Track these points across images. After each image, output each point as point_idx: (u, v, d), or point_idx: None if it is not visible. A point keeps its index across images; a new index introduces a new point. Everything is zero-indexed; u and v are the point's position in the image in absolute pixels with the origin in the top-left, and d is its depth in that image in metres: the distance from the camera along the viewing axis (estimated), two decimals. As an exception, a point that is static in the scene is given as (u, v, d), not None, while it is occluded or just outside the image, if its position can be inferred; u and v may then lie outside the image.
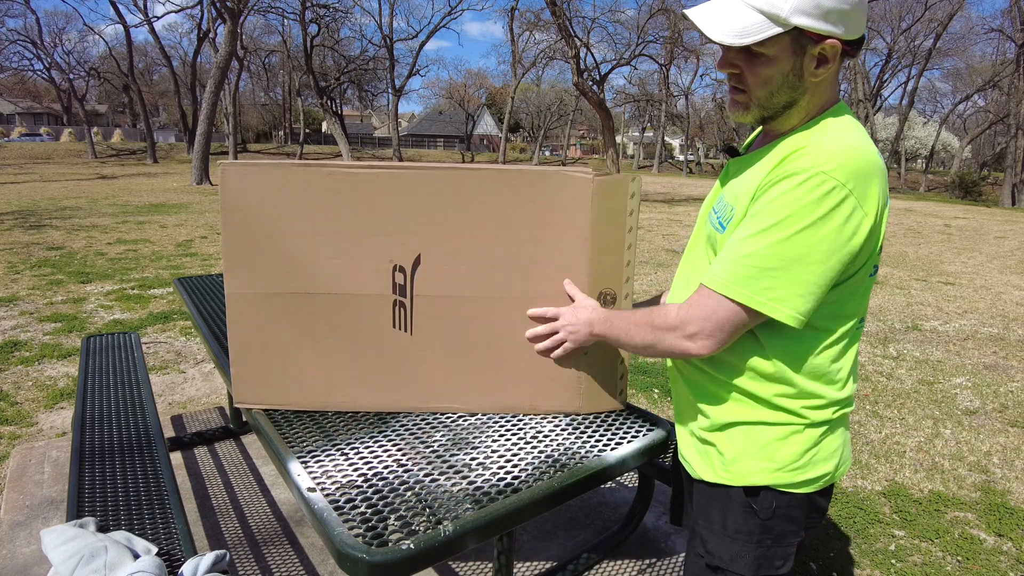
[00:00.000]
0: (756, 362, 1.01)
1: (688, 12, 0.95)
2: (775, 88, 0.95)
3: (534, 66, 34.11)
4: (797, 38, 0.90)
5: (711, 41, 0.93)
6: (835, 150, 0.89)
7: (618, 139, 29.75)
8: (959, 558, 2.20)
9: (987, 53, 38.50)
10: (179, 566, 1.25)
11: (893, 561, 2.17)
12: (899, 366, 4.29)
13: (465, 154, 48.90)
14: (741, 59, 0.95)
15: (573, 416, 1.45)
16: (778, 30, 0.89)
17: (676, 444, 1.23)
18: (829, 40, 0.90)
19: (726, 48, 0.96)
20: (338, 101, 41.58)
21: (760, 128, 1.10)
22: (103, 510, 1.50)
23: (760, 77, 0.94)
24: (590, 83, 17.61)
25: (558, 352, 1.33)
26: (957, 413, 3.51)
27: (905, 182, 37.33)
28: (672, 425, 1.46)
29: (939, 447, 3.08)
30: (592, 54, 20.70)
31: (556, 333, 1.31)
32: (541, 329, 1.33)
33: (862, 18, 0.93)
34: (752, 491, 1.04)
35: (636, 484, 2.23)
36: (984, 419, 3.44)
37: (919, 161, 46.32)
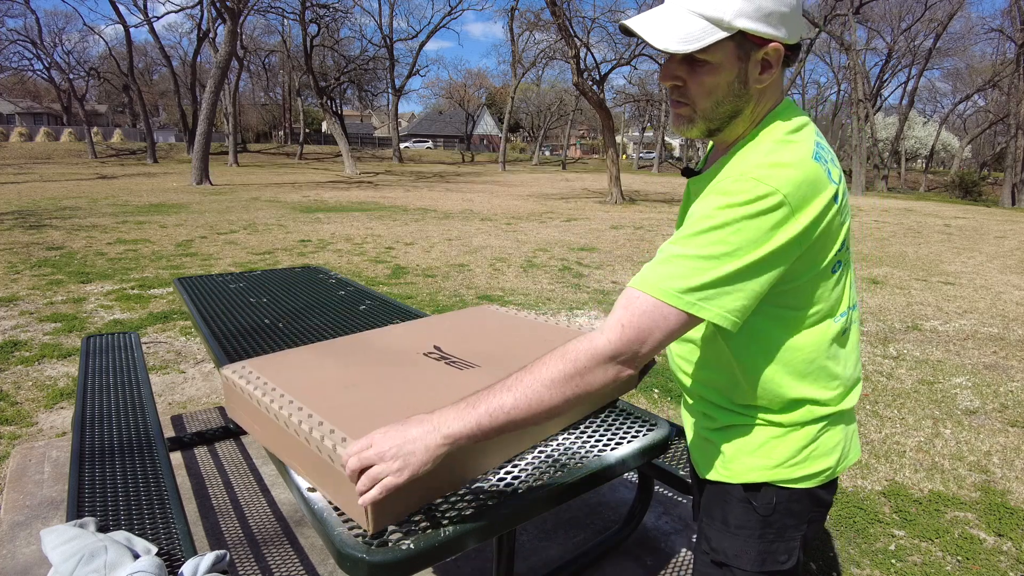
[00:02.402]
0: (742, 373, 1.01)
1: (629, 22, 0.91)
2: (720, 97, 0.92)
3: (534, 66, 34.12)
4: (741, 43, 0.89)
5: (655, 49, 0.88)
6: (772, 159, 0.88)
7: (618, 139, 29.70)
8: (959, 558, 2.20)
9: (987, 53, 38.60)
10: (179, 566, 1.25)
11: (893, 561, 2.17)
12: (899, 366, 4.29)
13: (465, 154, 48.88)
14: (684, 70, 0.92)
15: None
16: (722, 34, 0.87)
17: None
18: (772, 44, 0.89)
19: (668, 59, 0.93)
20: (338, 101, 41.58)
21: (712, 144, 1.08)
22: (103, 510, 1.50)
23: (704, 87, 0.92)
24: (590, 83, 17.60)
25: (374, 494, 0.88)
26: (957, 413, 3.51)
27: (905, 182, 37.31)
28: (671, 425, 1.47)
29: (939, 447, 3.08)
30: (592, 54, 20.63)
31: (371, 467, 0.89)
32: (350, 465, 0.90)
33: (800, 22, 0.92)
34: (752, 487, 1.04)
35: (636, 484, 2.23)
36: (984, 419, 3.44)
37: (919, 161, 46.32)
